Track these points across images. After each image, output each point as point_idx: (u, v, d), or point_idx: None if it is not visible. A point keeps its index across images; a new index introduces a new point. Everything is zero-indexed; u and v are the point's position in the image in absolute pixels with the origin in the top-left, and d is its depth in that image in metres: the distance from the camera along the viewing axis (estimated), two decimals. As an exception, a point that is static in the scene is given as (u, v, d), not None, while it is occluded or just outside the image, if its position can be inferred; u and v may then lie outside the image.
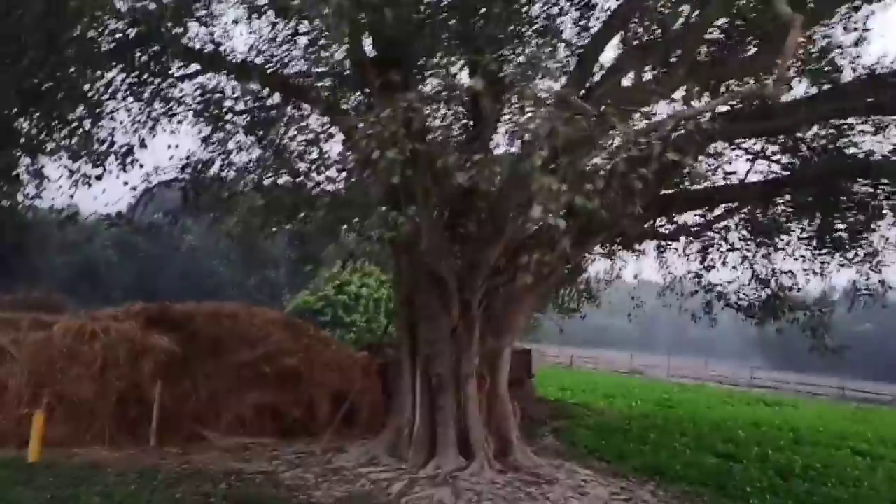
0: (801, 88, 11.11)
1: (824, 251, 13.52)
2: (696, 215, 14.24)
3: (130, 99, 10.47)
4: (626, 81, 9.68)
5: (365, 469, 9.99)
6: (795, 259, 14.29)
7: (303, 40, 10.24)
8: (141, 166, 10.73)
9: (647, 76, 10.02)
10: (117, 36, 9.96)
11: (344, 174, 8.03)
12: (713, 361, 60.52)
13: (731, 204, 13.01)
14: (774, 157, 12.92)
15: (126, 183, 10.70)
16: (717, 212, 13.81)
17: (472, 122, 10.53)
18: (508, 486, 9.39)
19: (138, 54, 10.44)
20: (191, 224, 16.00)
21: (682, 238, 13.92)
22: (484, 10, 8.17)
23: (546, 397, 20.61)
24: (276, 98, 11.04)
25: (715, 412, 21.66)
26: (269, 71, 10.23)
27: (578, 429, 15.46)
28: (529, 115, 5.85)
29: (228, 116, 10.10)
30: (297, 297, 32.59)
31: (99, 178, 9.83)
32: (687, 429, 16.28)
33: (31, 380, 10.63)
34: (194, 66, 11.17)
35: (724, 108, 8.70)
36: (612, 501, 9.49)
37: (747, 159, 13.02)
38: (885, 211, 12.13)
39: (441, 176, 7.44)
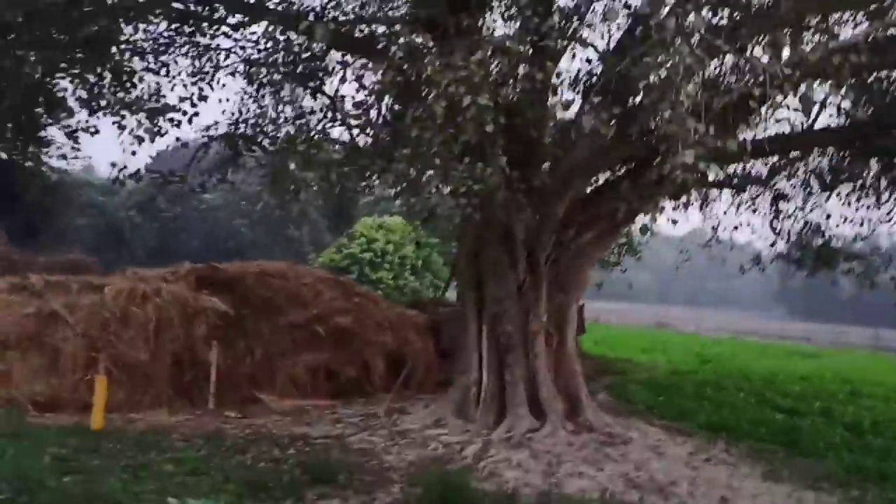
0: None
1: (893, 198, 12.95)
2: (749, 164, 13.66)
3: (179, 52, 9.96)
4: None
5: (433, 431, 9.73)
6: (858, 208, 13.72)
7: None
8: (190, 122, 10.26)
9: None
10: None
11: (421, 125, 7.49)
12: (735, 313, 60.10)
13: (796, 152, 12.41)
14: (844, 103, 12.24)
15: (178, 139, 10.29)
16: (773, 159, 13.22)
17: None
18: (585, 447, 9.07)
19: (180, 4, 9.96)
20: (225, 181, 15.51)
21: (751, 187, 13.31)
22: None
23: (589, 353, 20.29)
24: (327, 48, 10.49)
25: (759, 365, 21.26)
26: (324, 20, 9.68)
27: (629, 385, 15.11)
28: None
29: (282, 68, 9.58)
30: (322, 256, 32.27)
31: (160, 133, 9.38)
32: (741, 384, 15.92)
33: (86, 344, 10.37)
34: (239, 16, 10.64)
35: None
36: (692, 461, 9.17)
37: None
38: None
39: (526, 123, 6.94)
